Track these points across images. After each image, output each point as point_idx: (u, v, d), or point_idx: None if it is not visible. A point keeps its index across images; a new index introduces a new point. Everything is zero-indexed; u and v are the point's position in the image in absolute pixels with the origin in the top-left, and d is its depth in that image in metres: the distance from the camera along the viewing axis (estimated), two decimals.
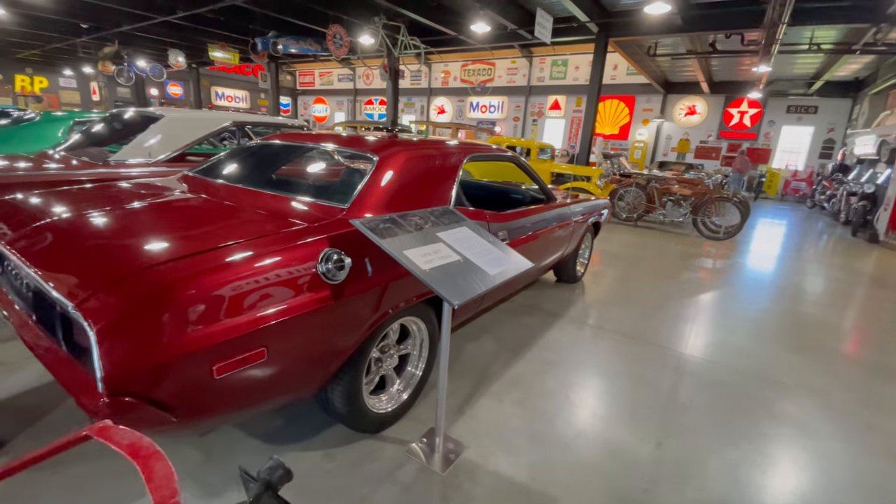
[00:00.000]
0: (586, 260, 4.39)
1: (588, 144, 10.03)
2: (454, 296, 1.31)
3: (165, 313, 1.10)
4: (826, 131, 15.27)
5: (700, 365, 2.80)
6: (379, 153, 2.00)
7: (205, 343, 1.14)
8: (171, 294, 1.12)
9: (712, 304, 3.99)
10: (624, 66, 17.85)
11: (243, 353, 1.22)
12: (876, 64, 11.42)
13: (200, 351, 1.13)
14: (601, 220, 4.33)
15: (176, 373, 1.11)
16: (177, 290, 1.13)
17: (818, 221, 10.61)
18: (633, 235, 7.02)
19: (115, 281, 1.14)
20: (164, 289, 1.12)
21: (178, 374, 1.11)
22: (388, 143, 2.11)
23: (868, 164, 10.83)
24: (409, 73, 24.31)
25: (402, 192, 1.89)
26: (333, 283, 1.44)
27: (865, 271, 5.69)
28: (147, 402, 1.09)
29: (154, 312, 1.10)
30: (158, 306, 1.10)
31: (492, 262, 1.58)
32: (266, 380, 1.32)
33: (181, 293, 1.13)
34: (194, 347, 1.12)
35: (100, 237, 1.37)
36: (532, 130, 21.21)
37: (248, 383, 1.27)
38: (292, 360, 1.37)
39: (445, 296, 1.29)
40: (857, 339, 3.43)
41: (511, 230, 2.58)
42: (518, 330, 3.10)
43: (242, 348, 1.21)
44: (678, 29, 8.52)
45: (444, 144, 2.37)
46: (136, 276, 1.14)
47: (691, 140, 17.64)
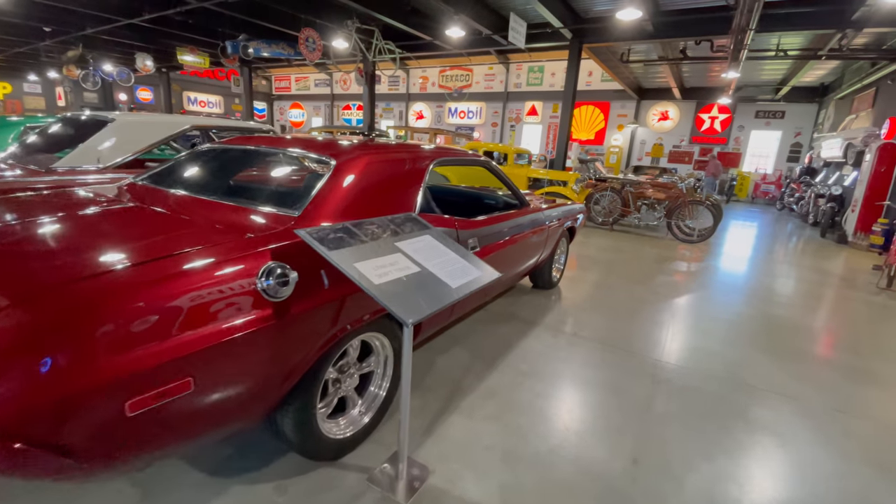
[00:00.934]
0: (562, 265, 4.33)
1: (564, 149, 10.08)
2: (409, 312, 1.19)
3: (65, 342, 0.95)
4: (793, 135, 15.77)
5: (675, 372, 2.74)
6: (337, 157, 1.86)
7: (114, 376, 0.98)
8: (72, 319, 0.96)
9: (686, 307, 3.97)
10: (598, 72, 18.12)
11: (163, 385, 1.06)
12: (841, 69, 11.85)
13: (109, 385, 0.98)
14: (576, 225, 4.27)
15: (78, 412, 0.95)
16: (79, 315, 0.97)
17: (787, 223, 10.89)
18: (608, 239, 7.03)
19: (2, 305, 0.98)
20: (62, 313, 0.96)
21: (81, 414, 0.96)
22: (347, 147, 1.99)
23: (834, 166, 11.19)
24: (386, 79, 24.20)
25: (361, 198, 1.76)
26: (277, 300, 1.30)
27: (836, 272, 5.80)
28: (42, 448, 0.93)
29: (50, 341, 0.94)
30: (55, 334, 0.94)
31: (455, 274, 1.47)
32: (195, 413, 1.17)
33: (84, 318, 0.97)
34: (101, 381, 0.97)
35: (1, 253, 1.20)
36: (510, 136, 21.33)
37: (172, 418, 1.12)
38: (227, 389, 1.22)
39: (398, 313, 1.16)
40: (829, 341, 3.44)
41: (482, 237, 2.48)
42: (492, 340, 2.99)
43: (162, 380, 1.06)
44: (649, 35, 8.64)
45: (410, 148, 2.25)
46: (28, 299, 0.98)
47: (664, 145, 18.00)
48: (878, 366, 3.05)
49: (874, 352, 3.29)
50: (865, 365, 3.05)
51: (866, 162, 7.85)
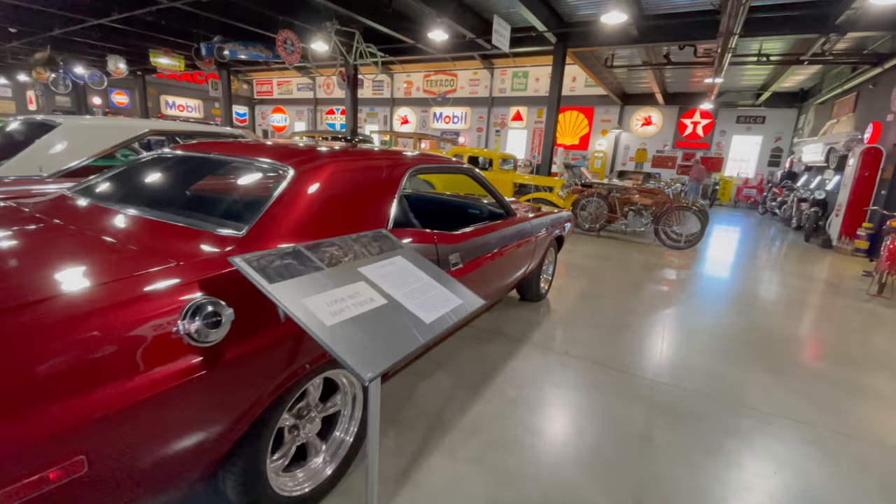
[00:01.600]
0: (550, 276, 4.13)
1: (549, 155, 9.96)
2: (367, 364, 0.95)
3: None
4: (774, 140, 15.98)
5: (671, 394, 2.54)
6: (296, 165, 1.62)
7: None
8: None
9: (677, 319, 3.80)
10: (582, 78, 18.17)
11: (43, 468, 0.81)
12: (820, 75, 12.01)
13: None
14: (564, 234, 4.08)
15: None
16: None
17: (771, 227, 10.93)
18: (596, 246, 6.88)
19: None
20: None
21: None
22: (309, 153, 1.74)
23: (816, 171, 11.29)
24: (370, 83, 23.96)
25: (323, 213, 1.52)
26: (206, 345, 1.05)
27: (825, 278, 5.73)
28: None
29: None
30: None
31: (431, 304, 1.24)
32: (96, 494, 0.91)
33: None
34: None
35: None
36: (495, 141, 21.25)
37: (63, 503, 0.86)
38: (138, 462, 0.96)
39: (353, 367, 0.92)
40: (827, 354, 3.30)
41: (465, 252, 2.25)
42: (477, 361, 2.76)
43: (41, 462, 0.80)
44: (634, 40, 8.58)
45: (383, 155, 2.02)
46: None
47: (648, 150, 18.10)
48: (879, 380, 2.90)
49: (874, 364, 3.15)
50: (867, 380, 2.90)
51: (850, 166, 7.87)
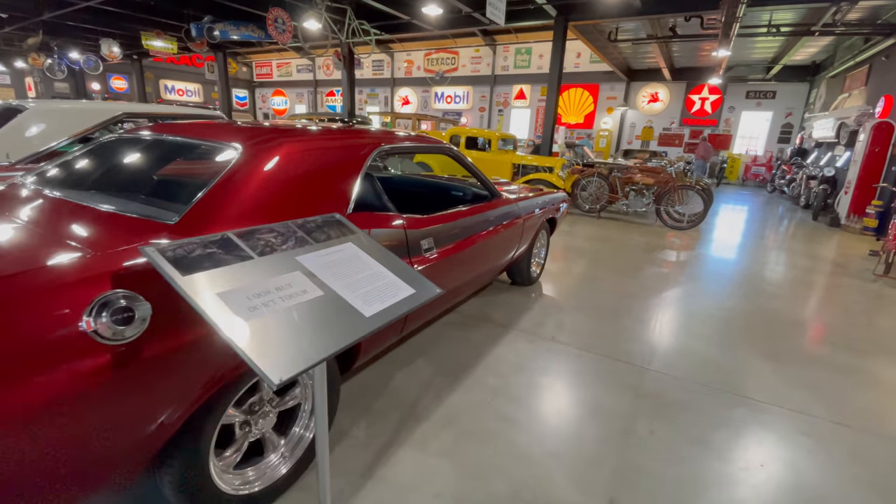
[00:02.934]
0: (543, 259, 4.01)
1: (550, 134, 9.71)
2: (279, 365, 0.85)
3: None
4: (784, 116, 15.49)
5: (663, 382, 2.45)
6: (244, 144, 1.51)
7: None
8: None
9: (676, 303, 3.68)
10: (587, 53, 17.65)
11: None
12: (833, 47, 11.53)
13: None
14: (557, 216, 3.95)
15: None
16: None
17: (779, 206, 10.66)
18: (595, 227, 6.72)
19: None
20: None
21: None
22: (262, 133, 1.63)
23: (826, 147, 10.93)
24: (370, 63, 23.50)
25: (271, 196, 1.41)
26: (120, 343, 0.96)
27: (830, 258, 5.55)
28: None
29: None
30: None
31: (376, 295, 1.14)
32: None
33: None
34: None
35: None
36: (498, 121, 20.86)
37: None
38: (47, 467, 0.88)
39: (259, 366, 0.82)
40: (828, 337, 3.17)
41: (439, 237, 2.14)
42: (461, 348, 2.67)
43: None
44: (637, 11, 8.23)
45: (346, 134, 1.89)
46: None
47: (655, 127, 17.66)
48: (881, 367, 2.78)
49: (877, 349, 3.02)
50: (869, 366, 2.78)
51: (860, 142, 7.58)
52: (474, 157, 8.34)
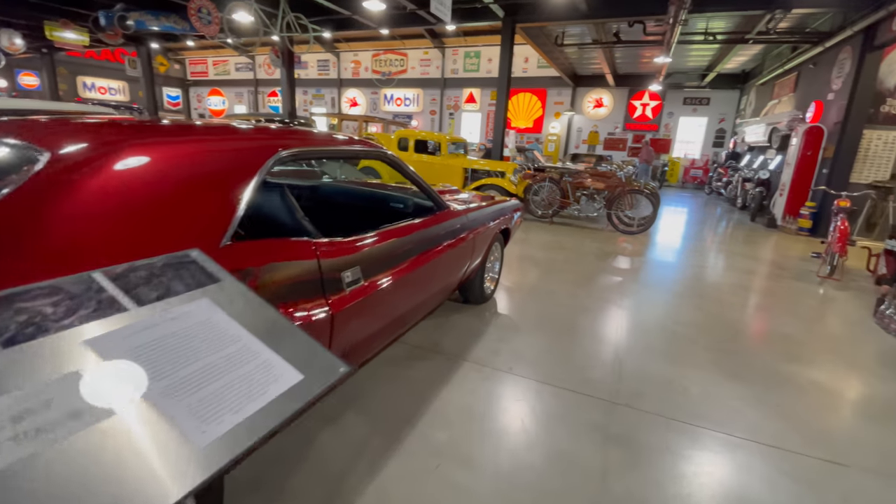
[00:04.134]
0: (497, 274, 3.66)
1: (501, 137, 9.51)
2: None
3: None
4: (718, 121, 16.34)
5: (632, 421, 2.15)
6: (57, 147, 1.01)
7: None
8: None
9: (633, 317, 3.45)
10: (535, 59, 17.82)
11: None
12: (761, 56, 12.19)
13: None
14: (511, 226, 3.62)
15: None
16: None
17: (717, 207, 11.06)
18: (549, 234, 6.53)
19: None
20: None
21: None
22: (90, 129, 1.13)
23: (758, 151, 11.51)
24: (315, 63, 22.55)
25: (90, 223, 0.93)
26: None
27: (775, 261, 5.64)
28: None
29: None
30: None
31: (231, 396, 0.69)
32: None
33: None
34: None
35: None
36: (449, 124, 20.63)
37: None
38: None
39: None
40: (789, 351, 3.04)
41: (369, 264, 1.71)
42: (402, 392, 2.25)
43: None
44: (583, 15, 8.20)
45: (233, 134, 1.42)
46: None
47: (600, 132, 18.10)
48: (850, 385, 2.66)
49: (839, 361, 2.92)
50: (837, 384, 2.64)
51: (793, 146, 7.93)
52: (424, 161, 7.95)
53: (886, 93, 6.82)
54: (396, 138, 8.11)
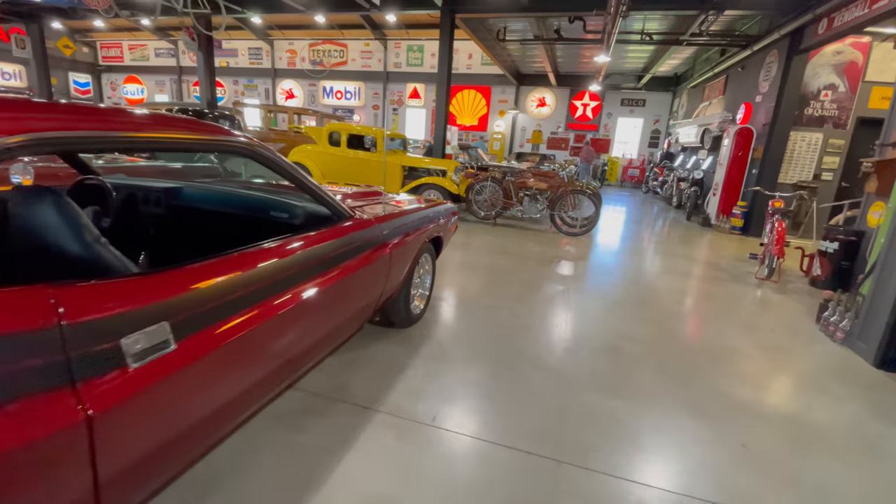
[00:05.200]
0: (428, 290, 3.16)
1: (443, 134, 9.04)
2: None
3: None
4: (653, 122, 16.90)
5: (577, 482, 1.72)
6: None
7: None
8: None
9: (578, 336, 3.09)
10: (478, 55, 17.56)
11: None
12: (692, 60, 12.61)
13: None
14: (443, 234, 3.13)
15: None
16: None
17: (654, 206, 11.28)
18: (492, 236, 6.14)
19: None
20: None
21: None
22: None
23: (691, 151, 11.88)
24: (246, 51, 20.95)
25: None
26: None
27: (713, 262, 5.58)
28: None
29: None
30: None
31: None
32: None
33: None
34: None
35: None
36: (393, 120, 19.92)
37: None
38: None
39: None
40: (742, 369, 2.79)
41: (191, 312, 1.11)
42: (286, 473, 1.68)
43: None
44: (523, 8, 7.90)
45: None
46: None
47: (543, 131, 18.19)
48: (808, 406, 2.42)
49: (802, 383, 2.70)
50: (798, 412, 2.39)
51: (724, 146, 8.10)
52: (359, 158, 7.30)
53: (810, 95, 7.08)
54: (326, 132, 7.39)
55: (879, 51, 6.62)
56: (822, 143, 7.18)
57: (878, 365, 2.82)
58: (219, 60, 21.98)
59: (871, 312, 2.94)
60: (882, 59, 6.66)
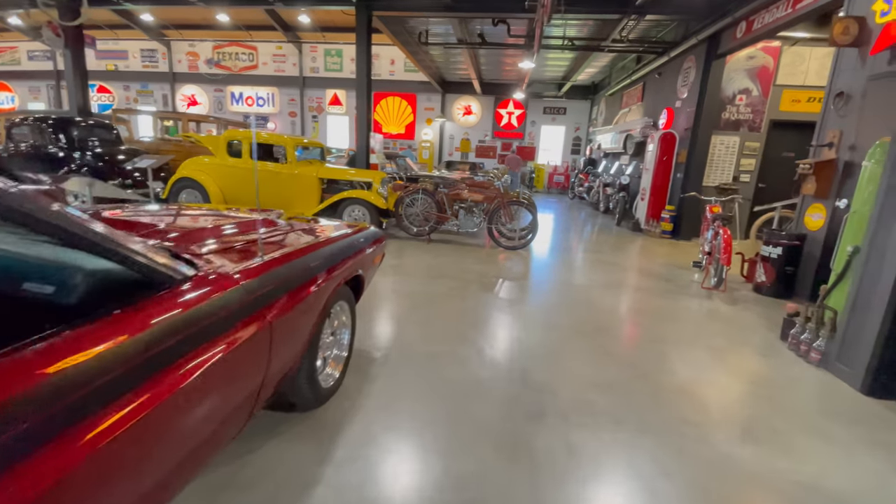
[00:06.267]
0: (346, 348, 2.37)
1: (366, 142, 8.24)
2: None
3: None
4: (574, 130, 17.36)
5: None
6: None
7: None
8: None
9: (546, 388, 2.49)
10: (401, 61, 16.96)
11: None
12: (608, 69, 12.98)
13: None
14: (363, 273, 2.38)
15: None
16: None
17: (581, 212, 11.29)
18: (427, 255, 5.46)
19: None
20: None
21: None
22: None
23: (613, 157, 12.16)
24: (139, 53, 18.53)
25: None
26: None
27: (655, 271, 5.35)
28: None
29: None
30: None
31: None
32: None
33: None
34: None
35: None
36: (313, 128, 18.64)
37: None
38: None
39: None
40: (726, 414, 2.34)
41: None
42: None
43: None
44: (446, 7, 7.39)
45: None
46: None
47: (471, 139, 17.99)
48: (813, 456, 2.00)
49: (794, 423, 2.30)
50: (809, 471, 1.95)
51: (650, 151, 8.16)
52: (268, 170, 6.27)
53: (726, 100, 7.28)
54: (223, 140, 6.28)
55: (788, 55, 6.96)
56: (739, 145, 7.43)
57: (867, 391, 2.52)
58: (105, 63, 19.28)
59: (850, 331, 2.66)
60: (791, 63, 7.01)
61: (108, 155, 7.16)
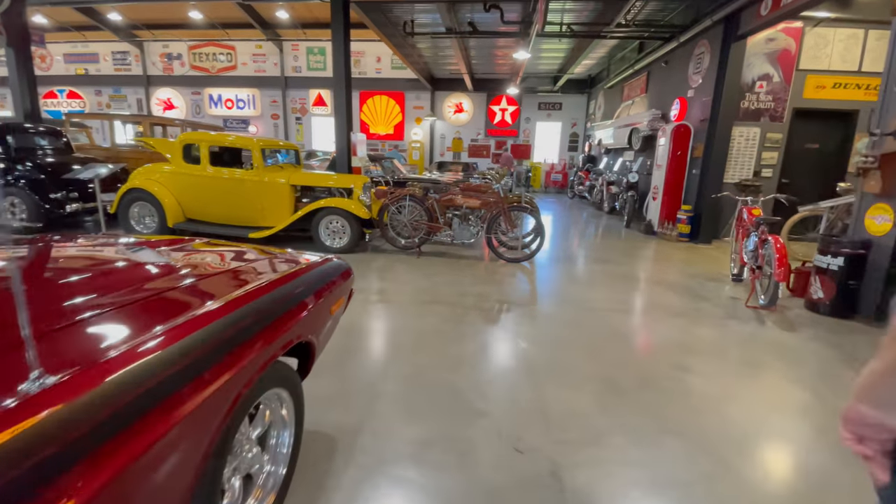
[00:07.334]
0: (283, 466, 1.55)
1: (346, 144, 7.42)
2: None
3: None
4: (570, 126, 16.62)
5: None
6: None
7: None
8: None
9: (589, 499, 1.71)
10: (387, 58, 16.14)
11: None
12: (606, 60, 12.24)
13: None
14: (313, 338, 1.57)
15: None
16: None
17: (583, 213, 10.54)
18: (417, 273, 4.67)
19: None
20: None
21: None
22: None
23: (614, 153, 11.41)
24: (109, 55, 17.54)
25: None
26: None
27: (685, 285, 4.58)
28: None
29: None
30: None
31: None
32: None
33: None
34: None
35: None
36: (297, 130, 17.75)
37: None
38: None
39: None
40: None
41: None
42: None
43: None
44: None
45: None
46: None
47: (463, 139, 17.20)
48: None
49: None
50: None
51: (661, 146, 7.41)
52: (235, 178, 5.43)
53: (745, 87, 6.55)
54: (180, 144, 5.43)
55: (811, 37, 6.23)
56: (760, 137, 6.70)
57: None
58: (75, 67, 18.27)
59: None
60: (815, 46, 6.28)
61: (53, 165, 6.29)
